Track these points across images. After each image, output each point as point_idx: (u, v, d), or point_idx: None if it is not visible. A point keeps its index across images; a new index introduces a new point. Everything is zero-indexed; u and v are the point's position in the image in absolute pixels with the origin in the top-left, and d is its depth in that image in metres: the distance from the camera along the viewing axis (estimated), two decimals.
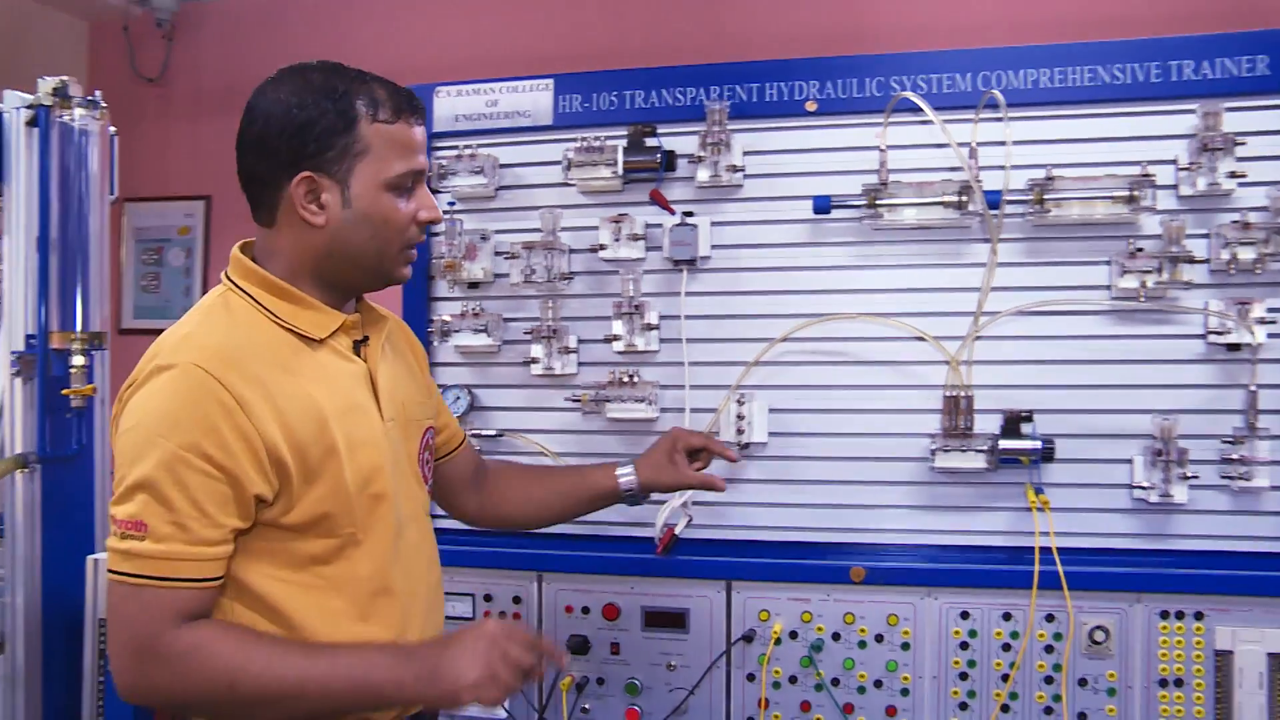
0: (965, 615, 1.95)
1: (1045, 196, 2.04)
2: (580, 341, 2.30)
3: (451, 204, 2.35)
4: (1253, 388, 2.00)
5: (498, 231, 2.33)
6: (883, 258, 2.18)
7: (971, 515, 2.12)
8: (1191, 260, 2.01)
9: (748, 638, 2.02)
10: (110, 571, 1.31)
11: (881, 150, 2.12)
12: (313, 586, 1.40)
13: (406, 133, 1.44)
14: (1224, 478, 2.02)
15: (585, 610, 2.09)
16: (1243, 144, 2.00)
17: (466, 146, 2.32)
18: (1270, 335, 1.99)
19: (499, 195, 2.35)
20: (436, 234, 2.34)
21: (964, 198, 2.07)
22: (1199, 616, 1.87)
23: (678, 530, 2.17)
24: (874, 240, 2.17)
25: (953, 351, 2.11)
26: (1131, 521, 2.07)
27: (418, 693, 1.36)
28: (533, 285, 2.28)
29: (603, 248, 2.26)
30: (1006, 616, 1.93)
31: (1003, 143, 2.08)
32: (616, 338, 2.26)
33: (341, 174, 1.41)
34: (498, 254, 2.34)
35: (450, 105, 2.37)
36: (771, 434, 2.19)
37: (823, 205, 2.15)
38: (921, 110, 2.09)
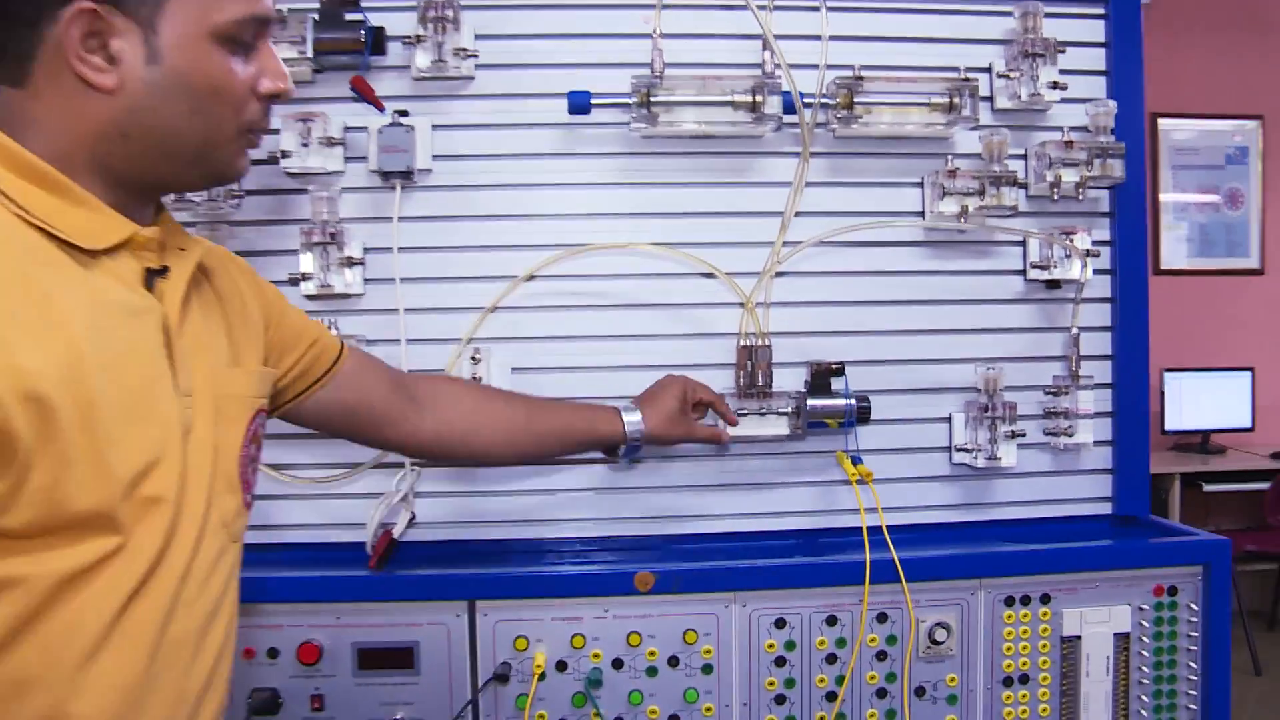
0: (780, 624, 1.54)
1: (855, 100, 1.67)
2: None
3: None
4: (1074, 330, 1.74)
5: None
6: (656, 173, 1.72)
7: (776, 493, 1.72)
8: (1015, 183, 1.71)
9: (501, 676, 1.50)
10: None
11: (655, 35, 1.66)
12: (29, 628, 0.84)
13: None
14: (1046, 434, 1.75)
15: (272, 653, 1.48)
16: (1063, 52, 1.73)
17: None
18: (1096, 271, 1.75)
19: None
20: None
21: (759, 98, 1.65)
22: (1045, 600, 1.57)
23: (396, 533, 1.62)
24: (646, 151, 1.72)
25: (747, 291, 1.70)
26: (951, 490, 1.76)
27: None
28: (186, 207, 1.62)
29: (285, 156, 1.65)
30: (830, 621, 1.54)
31: (817, 36, 1.69)
32: (305, 277, 1.66)
33: (145, 11, 0.92)
34: None
35: None
36: None
37: (581, 103, 1.65)
38: None
